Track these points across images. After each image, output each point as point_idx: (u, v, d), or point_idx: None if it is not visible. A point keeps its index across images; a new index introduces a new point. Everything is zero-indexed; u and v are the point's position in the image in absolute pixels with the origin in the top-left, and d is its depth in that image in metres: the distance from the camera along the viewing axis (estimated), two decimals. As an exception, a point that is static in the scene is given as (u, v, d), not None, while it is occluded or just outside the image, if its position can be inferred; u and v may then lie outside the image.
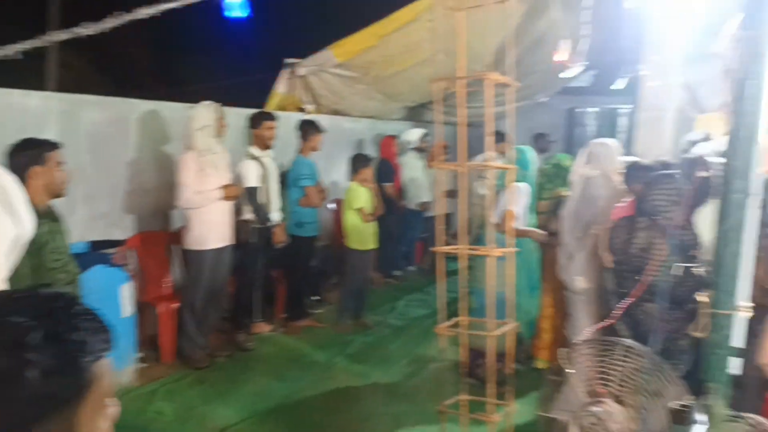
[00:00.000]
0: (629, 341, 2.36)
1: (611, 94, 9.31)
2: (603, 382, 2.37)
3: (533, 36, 7.06)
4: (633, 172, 3.85)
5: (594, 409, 2.27)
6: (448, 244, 3.26)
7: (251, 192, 5.35)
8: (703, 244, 3.57)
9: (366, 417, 4.26)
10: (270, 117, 5.62)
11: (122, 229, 5.13)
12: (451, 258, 3.24)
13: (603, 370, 2.38)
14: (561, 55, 5.07)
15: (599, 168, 3.96)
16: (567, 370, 2.46)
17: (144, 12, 3.86)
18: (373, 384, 4.81)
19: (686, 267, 3.19)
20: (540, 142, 8.76)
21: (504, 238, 4.47)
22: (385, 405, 4.43)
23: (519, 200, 4.45)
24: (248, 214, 5.38)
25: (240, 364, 5.10)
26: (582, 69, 6.13)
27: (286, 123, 6.03)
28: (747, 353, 2.91)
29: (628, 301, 3.14)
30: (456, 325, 2.92)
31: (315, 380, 4.84)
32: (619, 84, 8.45)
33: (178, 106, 5.40)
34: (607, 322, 3.10)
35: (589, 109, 8.27)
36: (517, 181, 4.55)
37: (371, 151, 7.76)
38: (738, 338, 1.64)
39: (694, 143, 6.15)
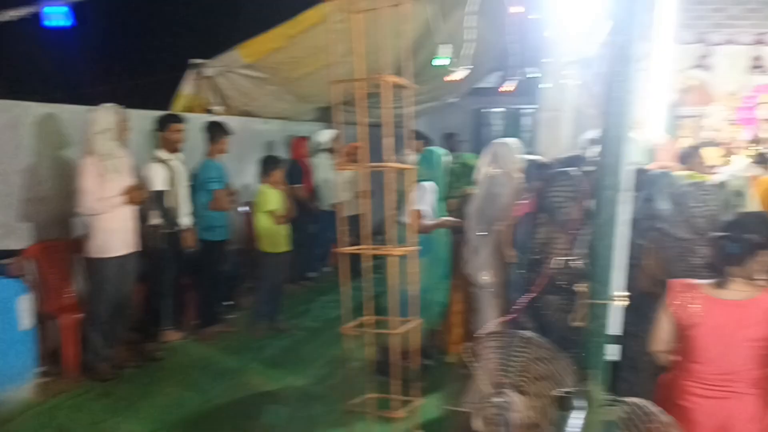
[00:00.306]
0: (528, 333, 2.45)
1: (518, 94, 9.64)
2: (504, 373, 2.45)
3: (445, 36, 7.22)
4: (532, 170, 4.01)
5: (495, 399, 2.34)
6: (356, 244, 3.28)
7: (158, 196, 5.21)
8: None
9: (280, 421, 4.24)
10: (177, 119, 5.49)
11: (19, 238, 4.87)
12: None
13: (504, 361, 2.47)
14: (443, 59, 5.19)
15: (501, 167, 4.10)
16: (470, 364, 2.53)
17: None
18: (288, 387, 4.78)
19: (566, 261, 3.36)
20: (449, 141, 8.95)
21: (413, 237, 4.57)
22: (300, 408, 4.42)
23: (425, 199, 4.54)
24: (156, 219, 5.23)
25: (150, 374, 4.95)
26: (467, 72, 6.31)
27: (194, 125, 5.90)
28: (641, 340, 3.09)
29: (529, 294, 3.26)
30: (362, 325, 2.95)
31: (228, 387, 4.76)
32: (509, 86, 8.71)
33: (78, 108, 5.19)
34: (509, 316, 3.21)
35: (495, 110, 8.54)
36: (426, 180, 4.64)
37: (283, 152, 7.70)
38: (614, 326, 1.74)
39: (593, 141, 6.48)
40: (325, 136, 7.93)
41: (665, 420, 1.81)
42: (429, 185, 4.63)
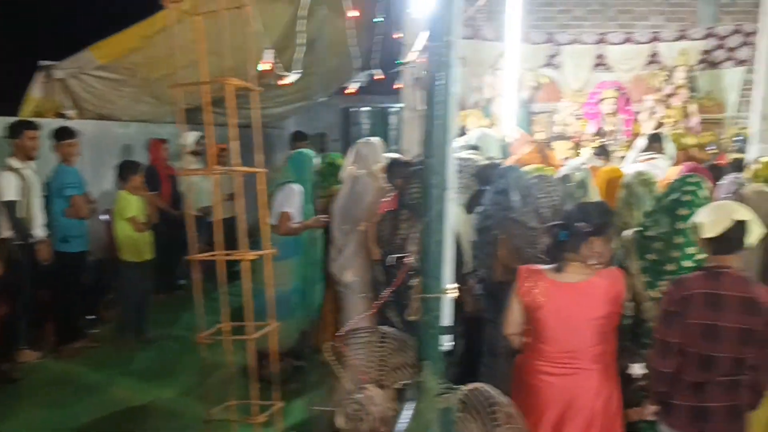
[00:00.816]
0: (385, 328, 2.52)
1: (388, 93, 9.83)
2: (365, 369, 2.51)
3: (305, 39, 7.22)
4: (394, 168, 4.12)
5: (356, 395, 2.40)
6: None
7: (9, 206, 4.88)
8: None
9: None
10: (32, 126, 5.15)
11: None
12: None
13: (365, 357, 2.53)
14: (264, 64, 5.20)
15: (364, 166, 4.17)
16: (333, 363, 2.57)
17: None
18: (157, 400, 4.63)
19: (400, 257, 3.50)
20: (319, 141, 8.99)
21: (281, 240, 4.56)
22: (168, 420, 4.30)
23: (293, 201, 4.54)
24: (7, 231, 4.88)
25: (6, 396, 4.62)
26: (297, 77, 6.37)
27: (45, 130, 5.54)
28: (498, 325, 3.27)
29: (390, 289, 3.34)
30: (219, 332, 2.92)
31: (93, 404, 4.54)
32: (352, 88, 8.85)
33: None
34: (370, 312, 3.29)
35: (363, 109, 8.67)
36: (293, 182, 4.64)
37: (143, 156, 7.37)
38: (446, 318, 1.83)
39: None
40: (189, 138, 7.68)
41: (504, 402, 1.93)
42: (297, 187, 4.62)
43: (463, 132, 6.67)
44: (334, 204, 4.37)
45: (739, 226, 2.51)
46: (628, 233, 3.32)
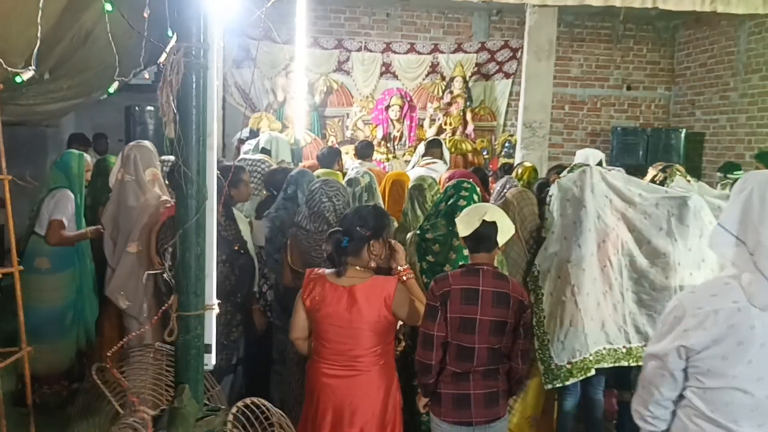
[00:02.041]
0: (159, 345, 2.39)
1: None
2: (138, 390, 2.35)
3: (81, 31, 6.64)
4: (174, 173, 3.89)
5: (129, 420, 2.24)
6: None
7: None
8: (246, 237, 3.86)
9: None
10: None
11: None
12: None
13: (140, 376, 2.37)
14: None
15: (133, 172, 3.84)
16: (103, 385, 2.38)
17: None
18: None
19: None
20: (100, 143, 8.34)
21: (53, 251, 4.13)
22: None
23: (64, 208, 4.13)
24: None
25: None
26: (32, 73, 5.95)
27: None
28: (287, 332, 3.24)
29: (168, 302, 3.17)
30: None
31: None
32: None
33: None
34: (141, 330, 3.09)
35: (148, 108, 8.19)
36: (65, 187, 4.23)
37: None
38: (209, 335, 1.75)
39: (243, 141, 6.65)
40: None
41: (277, 414, 1.90)
42: (70, 193, 4.21)
43: (254, 135, 6.59)
44: (104, 214, 3.97)
45: (489, 226, 2.74)
46: (409, 236, 3.49)
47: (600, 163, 6.12)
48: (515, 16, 9.27)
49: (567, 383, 3.48)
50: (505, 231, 2.79)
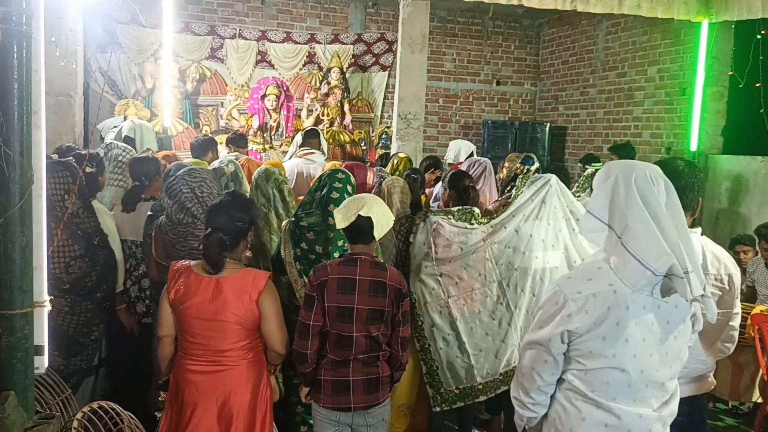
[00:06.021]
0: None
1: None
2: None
3: None
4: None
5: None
6: None
7: None
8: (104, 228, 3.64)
9: None
10: None
11: None
12: None
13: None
14: None
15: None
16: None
17: None
18: None
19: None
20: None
21: None
22: None
23: None
24: None
25: None
26: None
27: None
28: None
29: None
30: None
31: None
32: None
33: None
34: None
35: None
36: None
37: None
38: (40, 335, 1.59)
39: (111, 128, 6.29)
40: None
41: (127, 417, 1.80)
42: None
43: (121, 122, 6.23)
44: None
45: (364, 220, 2.76)
46: (285, 223, 3.43)
47: (471, 155, 6.37)
48: (390, 8, 9.37)
49: (454, 407, 3.67)
50: (383, 225, 2.82)
